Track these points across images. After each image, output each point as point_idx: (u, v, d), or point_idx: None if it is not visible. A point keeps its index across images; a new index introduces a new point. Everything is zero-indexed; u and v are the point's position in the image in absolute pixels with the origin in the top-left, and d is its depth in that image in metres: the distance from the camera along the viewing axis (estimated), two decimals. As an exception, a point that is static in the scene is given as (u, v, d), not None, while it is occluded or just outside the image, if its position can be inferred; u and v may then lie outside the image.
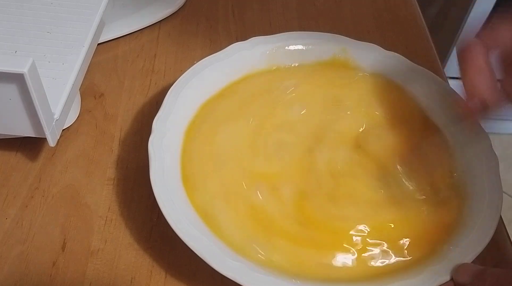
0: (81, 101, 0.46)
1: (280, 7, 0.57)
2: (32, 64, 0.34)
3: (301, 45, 0.46)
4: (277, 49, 0.46)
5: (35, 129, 0.38)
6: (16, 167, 0.42)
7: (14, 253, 0.38)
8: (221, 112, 0.43)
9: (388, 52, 0.46)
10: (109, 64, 0.50)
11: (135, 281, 0.37)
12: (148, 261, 0.38)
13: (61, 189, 0.41)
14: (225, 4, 0.57)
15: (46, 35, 0.44)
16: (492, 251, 0.36)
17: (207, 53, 0.45)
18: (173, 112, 0.41)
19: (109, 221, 0.39)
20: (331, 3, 0.58)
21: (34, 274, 0.37)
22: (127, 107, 0.47)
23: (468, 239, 0.35)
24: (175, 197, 0.36)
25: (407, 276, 0.34)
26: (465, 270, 0.33)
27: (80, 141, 0.44)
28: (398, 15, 0.56)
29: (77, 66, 0.42)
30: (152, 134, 0.39)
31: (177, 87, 0.42)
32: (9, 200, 0.40)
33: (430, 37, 0.55)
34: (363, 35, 0.54)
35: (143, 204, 0.40)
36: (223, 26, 0.54)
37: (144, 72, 0.50)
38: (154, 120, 0.39)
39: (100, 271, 0.37)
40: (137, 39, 0.53)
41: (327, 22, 0.55)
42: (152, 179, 0.36)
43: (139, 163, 0.43)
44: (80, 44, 0.43)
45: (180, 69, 0.49)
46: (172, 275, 0.37)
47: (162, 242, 0.38)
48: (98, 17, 0.45)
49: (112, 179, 0.42)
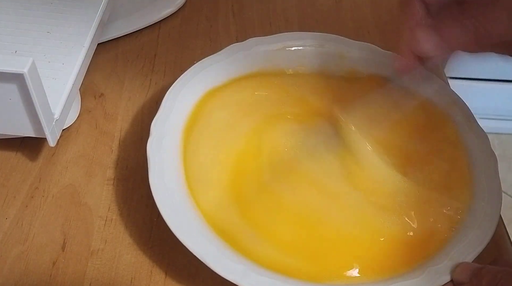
0: (81, 101, 0.46)
1: (280, 7, 0.57)
2: (32, 64, 0.34)
3: (299, 46, 0.46)
4: (276, 49, 0.46)
5: (35, 129, 0.38)
6: (16, 167, 0.42)
7: (14, 253, 0.38)
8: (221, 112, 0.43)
9: (387, 52, 0.46)
10: (109, 64, 0.50)
11: (135, 281, 0.37)
12: (148, 261, 0.38)
13: (61, 189, 0.41)
14: (225, 4, 0.57)
15: (46, 35, 0.44)
16: (491, 251, 0.36)
17: (207, 53, 0.45)
18: (172, 113, 0.40)
19: (109, 221, 0.39)
20: (331, 3, 0.58)
21: (34, 274, 0.37)
22: (127, 107, 0.47)
23: (468, 239, 0.35)
24: (175, 200, 0.36)
25: (407, 276, 0.34)
26: (463, 268, 0.33)
27: (80, 141, 0.44)
28: (398, 15, 0.56)
29: (77, 66, 0.42)
30: (151, 136, 0.39)
31: (175, 89, 0.42)
32: (9, 200, 0.40)
33: (430, 37, 0.55)
34: (363, 35, 0.54)
35: (143, 204, 0.40)
36: (223, 26, 0.54)
37: (144, 72, 0.50)
38: (153, 123, 0.39)
39: (100, 271, 0.37)
40: (137, 39, 0.53)
41: (327, 22, 0.55)
42: (151, 182, 0.36)
43: (139, 163, 0.43)
44: (80, 44, 0.43)
45: (180, 69, 0.49)
46: (172, 275, 0.37)
47: (162, 242, 0.38)
48: (98, 17, 0.45)
49: (112, 179, 0.42)
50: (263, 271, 0.34)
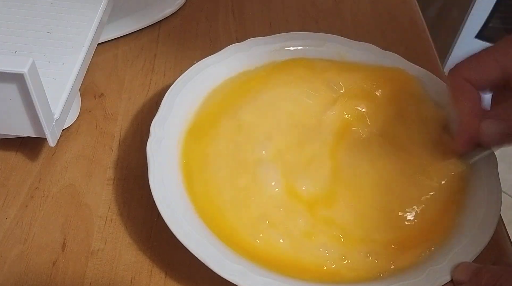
0: (81, 101, 0.46)
1: (280, 7, 0.57)
2: (32, 64, 0.34)
3: (299, 46, 0.46)
4: (276, 49, 0.46)
5: (35, 129, 0.38)
6: (16, 167, 0.42)
7: (14, 253, 0.38)
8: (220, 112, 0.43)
9: (386, 52, 0.46)
10: (109, 64, 0.50)
11: (135, 281, 0.37)
12: (148, 261, 0.38)
13: (61, 189, 0.41)
14: (225, 4, 0.57)
15: (46, 35, 0.44)
16: (492, 251, 0.36)
17: (207, 53, 0.45)
18: (171, 114, 0.40)
19: (109, 221, 0.39)
20: (331, 3, 0.58)
21: (34, 274, 0.37)
22: (127, 107, 0.47)
23: (468, 239, 0.35)
24: (174, 200, 0.36)
25: (407, 276, 0.34)
26: (463, 268, 0.33)
27: (80, 141, 0.44)
28: (398, 15, 0.56)
29: (77, 66, 0.42)
30: (150, 137, 0.39)
31: (175, 89, 0.42)
32: (9, 200, 0.40)
33: (430, 37, 0.55)
34: (363, 35, 0.54)
35: (143, 204, 0.40)
36: (223, 26, 0.54)
37: (144, 72, 0.50)
38: (152, 124, 0.39)
39: (100, 271, 0.37)
40: (137, 39, 0.53)
41: (327, 22, 0.55)
42: (151, 183, 0.36)
43: (139, 163, 0.43)
44: (80, 44, 0.43)
45: (180, 69, 0.49)
46: (172, 275, 0.37)
47: (162, 242, 0.38)
48: (98, 17, 0.45)
49: (112, 179, 0.42)
50: (263, 271, 0.34)
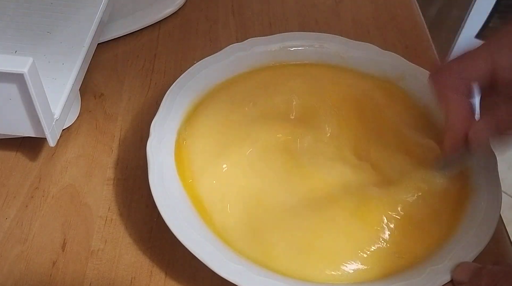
0: (81, 101, 0.46)
1: (280, 7, 0.57)
2: (32, 64, 0.34)
3: (299, 46, 0.46)
4: (276, 49, 0.46)
5: (35, 129, 0.38)
6: (16, 167, 0.42)
7: (14, 253, 0.38)
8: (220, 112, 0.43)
9: (386, 52, 0.46)
10: (109, 64, 0.50)
11: (135, 281, 0.37)
12: (148, 261, 0.38)
13: (61, 189, 0.41)
14: (225, 4, 0.57)
15: (46, 35, 0.44)
16: (492, 251, 0.36)
17: (207, 53, 0.45)
18: (171, 113, 0.40)
19: (109, 221, 0.39)
20: (331, 3, 0.58)
21: (34, 274, 0.37)
22: (127, 107, 0.47)
23: (468, 238, 0.35)
24: (175, 200, 0.36)
25: (407, 276, 0.34)
26: (463, 268, 0.33)
27: (80, 141, 0.44)
28: (398, 15, 0.56)
29: (77, 66, 0.42)
30: (151, 136, 0.39)
31: (175, 89, 0.42)
32: (9, 200, 0.40)
33: (430, 37, 0.55)
34: (363, 35, 0.54)
35: (143, 204, 0.40)
36: (223, 26, 0.54)
37: (144, 72, 0.50)
38: (152, 124, 0.39)
39: (100, 271, 0.37)
40: (137, 39, 0.53)
41: (327, 22, 0.55)
42: (151, 183, 0.36)
43: (139, 163, 0.43)
44: (80, 44, 0.43)
45: (180, 69, 0.49)
46: (172, 275, 0.37)
47: (162, 242, 0.38)
48: (98, 17, 0.45)
49: (112, 179, 0.42)
50: (263, 271, 0.34)
